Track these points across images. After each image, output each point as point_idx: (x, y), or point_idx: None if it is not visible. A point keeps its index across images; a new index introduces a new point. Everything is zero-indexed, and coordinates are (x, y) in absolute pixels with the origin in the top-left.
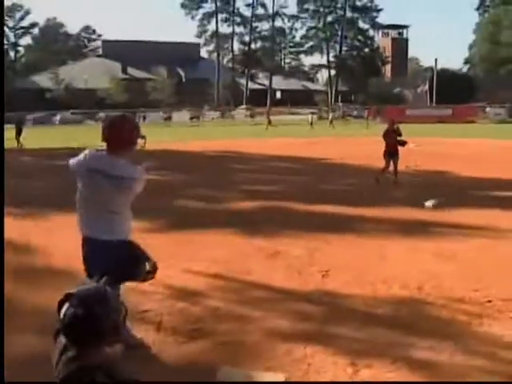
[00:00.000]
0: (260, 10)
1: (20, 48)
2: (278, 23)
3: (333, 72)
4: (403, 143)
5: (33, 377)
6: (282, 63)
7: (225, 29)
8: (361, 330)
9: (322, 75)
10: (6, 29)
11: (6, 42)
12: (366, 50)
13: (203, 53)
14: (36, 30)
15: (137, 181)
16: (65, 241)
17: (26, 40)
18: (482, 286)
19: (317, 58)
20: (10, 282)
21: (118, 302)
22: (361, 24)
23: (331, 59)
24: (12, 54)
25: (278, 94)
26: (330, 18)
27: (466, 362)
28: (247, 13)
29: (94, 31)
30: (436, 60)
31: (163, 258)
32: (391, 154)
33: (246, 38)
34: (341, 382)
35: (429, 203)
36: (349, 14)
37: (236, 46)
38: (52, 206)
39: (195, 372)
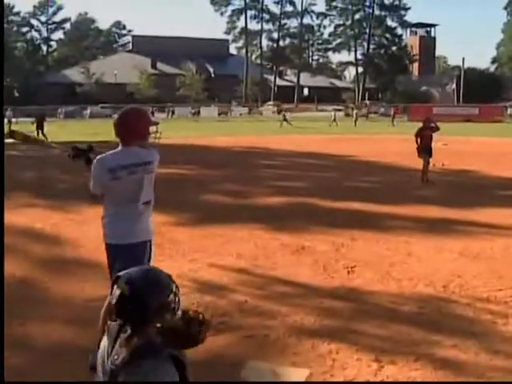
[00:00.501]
0: (288, 8)
1: (52, 43)
2: (307, 20)
3: (360, 69)
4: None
5: (58, 365)
6: (310, 60)
7: (254, 25)
8: (385, 327)
9: (350, 72)
10: (38, 23)
11: (38, 36)
12: (394, 48)
13: (232, 49)
14: (68, 25)
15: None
16: (94, 233)
17: (58, 35)
18: (507, 285)
19: (344, 56)
20: (40, 272)
21: (164, 282)
22: (389, 22)
23: (359, 57)
24: (44, 48)
25: (306, 91)
26: (357, 16)
27: (490, 362)
28: (276, 10)
29: (124, 26)
30: (463, 59)
31: (189, 252)
32: (426, 151)
33: (275, 35)
34: (358, 382)
35: None
36: (377, 11)
37: (264, 42)
38: (80, 199)
39: (221, 365)
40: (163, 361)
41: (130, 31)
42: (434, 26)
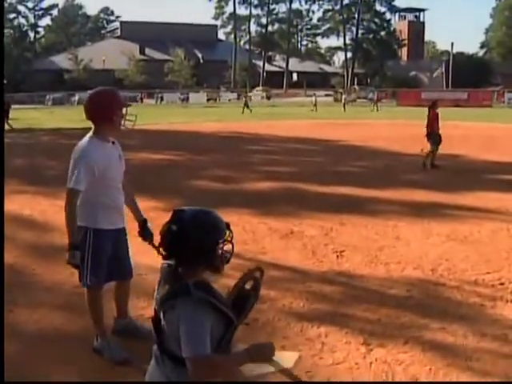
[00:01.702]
0: None
1: (39, 29)
2: (295, 5)
3: (349, 55)
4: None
5: (48, 351)
6: (299, 45)
7: (242, 11)
8: (374, 311)
9: (339, 58)
10: (25, 10)
11: (25, 23)
12: (383, 33)
13: (220, 35)
14: (55, 11)
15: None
16: None
17: (46, 21)
18: (495, 268)
19: (333, 41)
20: (28, 258)
21: (212, 226)
22: (377, 7)
23: (348, 42)
24: (32, 35)
25: (295, 76)
26: (346, 1)
27: (477, 344)
28: None
29: (112, 12)
30: (452, 44)
31: None
32: (434, 135)
33: (263, 20)
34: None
35: None
36: None
37: (253, 27)
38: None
39: None
40: (196, 303)
41: (118, 17)
42: (422, 10)
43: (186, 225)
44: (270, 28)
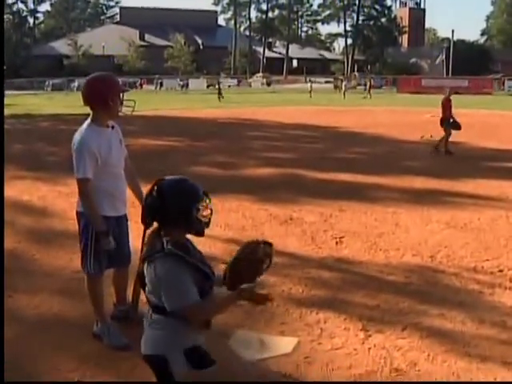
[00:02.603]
0: None
1: (39, 15)
2: None
3: (349, 41)
4: (458, 127)
5: (47, 336)
6: (299, 32)
7: None
8: (373, 297)
9: (339, 44)
10: None
11: (24, 8)
12: (383, 19)
13: (221, 20)
14: None
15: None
16: None
17: (45, 7)
18: (494, 255)
19: (334, 27)
20: (28, 243)
21: (189, 192)
22: None
23: (348, 28)
24: (31, 20)
25: (295, 63)
26: None
27: (476, 330)
28: None
29: None
30: (453, 31)
31: None
32: (448, 121)
33: (264, 6)
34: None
35: None
36: None
37: (253, 13)
38: (67, 171)
39: (209, 334)
40: (172, 259)
41: (117, 3)
42: None
43: (165, 191)
44: (270, 14)
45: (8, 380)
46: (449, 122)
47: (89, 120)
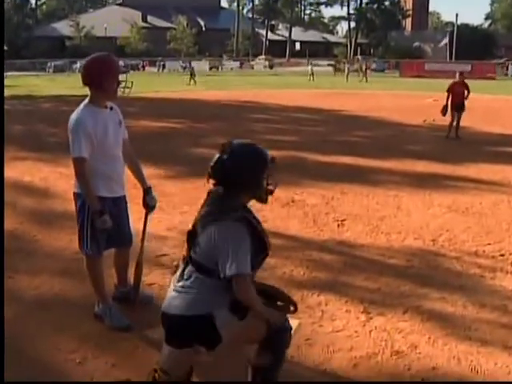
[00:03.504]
0: None
1: None
2: None
3: (352, 24)
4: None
5: (47, 317)
6: (302, 14)
7: None
8: (374, 280)
9: (342, 27)
10: None
11: None
12: (387, 2)
13: (223, 2)
14: None
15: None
16: None
17: None
18: (496, 239)
19: (337, 10)
20: (29, 224)
21: (263, 160)
22: None
23: (351, 11)
24: (33, 1)
25: (298, 46)
26: None
27: (476, 314)
28: None
29: None
30: (457, 15)
31: (179, 205)
32: (457, 107)
33: None
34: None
35: None
36: None
37: None
38: (69, 152)
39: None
40: (238, 223)
41: None
42: None
43: (238, 153)
44: None
45: (8, 380)
46: (458, 107)
47: (86, 100)
